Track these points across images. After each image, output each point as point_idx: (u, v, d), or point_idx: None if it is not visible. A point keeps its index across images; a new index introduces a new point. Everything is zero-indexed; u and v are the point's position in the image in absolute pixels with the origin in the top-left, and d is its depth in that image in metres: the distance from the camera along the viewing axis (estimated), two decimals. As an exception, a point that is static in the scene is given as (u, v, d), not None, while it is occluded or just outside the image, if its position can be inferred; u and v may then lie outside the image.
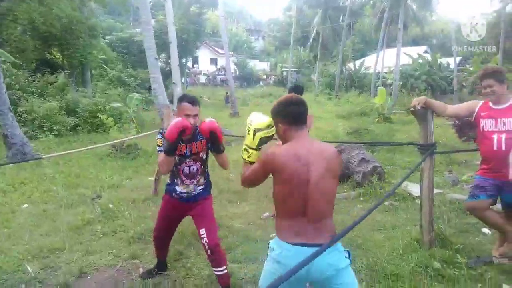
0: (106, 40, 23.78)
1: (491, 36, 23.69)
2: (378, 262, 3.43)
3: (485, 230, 4.21)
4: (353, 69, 33.38)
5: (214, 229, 3.05)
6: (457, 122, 3.93)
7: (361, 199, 5.53)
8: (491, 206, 3.33)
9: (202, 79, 36.84)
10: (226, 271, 2.99)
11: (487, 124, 3.31)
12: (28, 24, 14.16)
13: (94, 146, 6.56)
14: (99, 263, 3.80)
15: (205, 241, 2.93)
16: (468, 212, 3.78)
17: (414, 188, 5.46)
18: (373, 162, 6.05)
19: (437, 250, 3.46)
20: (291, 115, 2.02)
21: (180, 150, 2.95)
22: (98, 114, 10.90)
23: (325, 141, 7.61)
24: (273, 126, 2.12)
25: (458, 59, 27.53)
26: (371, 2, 35.73)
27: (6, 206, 5.47)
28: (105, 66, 20.31)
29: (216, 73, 39.02)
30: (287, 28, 44.71)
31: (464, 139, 3.99)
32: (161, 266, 3.54)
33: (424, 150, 3.62)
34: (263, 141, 2.13)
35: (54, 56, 18.05)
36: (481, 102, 3.40)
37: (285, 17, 50.49)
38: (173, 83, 14.79)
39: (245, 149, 2.15)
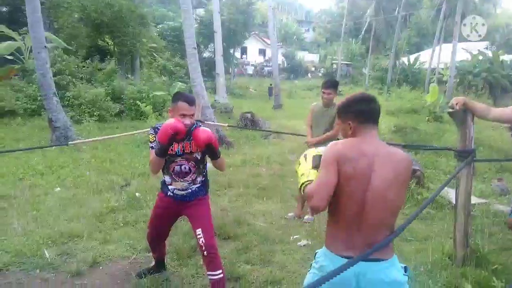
0: (158, 29, 24.27)
1: None
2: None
3: (533, 249, 3.74)
4: (407, 64, 31.87)
5: (210, 229, 2.89)
6: None
7: (396, 204, 5.14)
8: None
9: (250, 70, 36.78)
10: (222, 275, 2.78)
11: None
12: (80, 12, 14.66)
13: (125, 134, 6.62)
14: (114, 254, 3.78)
15: (202, 242, 2.75)
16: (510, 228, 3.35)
17: (454, 195, 5.00)
18: (413, 164, 5.61)
19: (470, 269, 3.09)
20: (365, 112, 1.87)
21: (171, 149, 2.75)
22: (137, 102, 11.09)
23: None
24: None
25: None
26: (430, -7, 33.90)
27: (40, 188, 5.64)
28: (155, 55, 20.74)
29: (264, 64, 38.78)
30: (339, 19, 43.48)
31: None
32: (159, 266, 3.38)
33: (462, 157, 3.24)
34: (317, 159, 1.91)
35: (106, 43, 18.66)
36: (530, 106, 2.96)
37: (337, 8, 49.17)
38: (216, 73, 14.89)
39: (301, 176, 1.91)
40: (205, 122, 7.11)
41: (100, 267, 3.56)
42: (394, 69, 30.39)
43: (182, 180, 2.87)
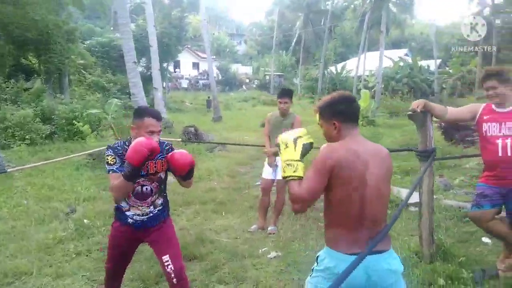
0: (85, 45, 23.15)
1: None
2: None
3: (486, 239, 4.00)
4: (334, 73, 33.44)
5: (178, 254, 2.67)
6: (443, 124, 3.72)
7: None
8: (496, 216, 3.12)
9: (184, 83, 36.35)
10: None
11: (490, 128, 3.08)
12: (1, 29, 13.55)
13: (68, 156, 6.17)
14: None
15: (171, 269, 2.52)
16: (471, 221, 3.54)
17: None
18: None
19: (439, 265, 3.21)
20: (348, 112, 1.91)
21: None
22: (73, 121, 10.39)
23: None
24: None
25: (438, 61, 27.90)
26: (352, 6, 36.02)
27: (-30, 223, 5.01)
28: (84, 71, 19.72)
29: (198, 77, 38.61)
30: (269, 32, 44.71)
31: (452, 142, 3.79)
32: None
33: (424, 157, 3.38)
34: (307, 148, 1.86)
35: (30, 61, 17.41)
36: (483, 105, 3.18)
37: (267, 21, 50.53)
38: (154, 88, 14.49)
39: (287, 165, 1.81)
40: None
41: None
42: (324, 78, 31.73)
43: (140, 203, 2.58)
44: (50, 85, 15.81)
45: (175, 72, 37.85)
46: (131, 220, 2.60)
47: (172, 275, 2.51)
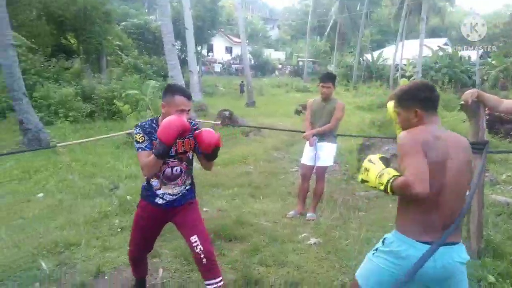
0: (121, 27, 23.54)
1: None
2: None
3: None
4: (370, 60, 32.71)
5: (206, 234, 2.62)
6: (487, 117, 3.56)
7: (393, 198, 5.16)
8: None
9: (217, 67, 36.50)
10: (223, 281, 2.55)
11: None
12: (43, 9, 13.95)
13: (112, 134, 6.33)
14: (118, 261, 3.55)
15: (200, 249, 2.47)
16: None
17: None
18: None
19: (489, 261, 3.12)
20: (431, 100, 1.90)
21: None
22: (114, 101, 10.66)
23: (350, 135, 7.13)
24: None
25: (480, 52, 26.72)
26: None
27: (21, 195, 5.28)
28: (120, 53, 20.10)
29: (231, 61, 38.63)
30: (303, 17, 44.04)
31: (497, 135, 3.62)
32: (142, 286, 3.01)
33: (476, 149, 3.26)
34: (385, 160, 1.92)
35: (69, 41, 17.89)
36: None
37: (301, 5, 49.71)
38: (190, 71, 14.59)
39: (379, 177, 1.81)
40: (196, 120, 6.92)
41: (106, 277, 3.33)
42: (359, 66, 31.09)
43: (172, 183, 2.56)
44: (89, 65, 16.22)
45: (208, 56, 38.01)
46: (161, 200, 2.58)
47: (202, 255, 2.48)
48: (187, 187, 2.66)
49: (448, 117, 13.12)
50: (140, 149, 2.43)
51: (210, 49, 38.95)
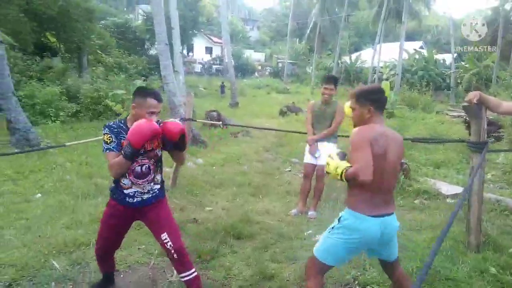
0: (100, 25, 23.16)
1: (488, 33, 23.82)
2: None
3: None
4: (349, 63, 33.25)
5: (176, 231, 2.73)
6: (467, 118, 3.80)
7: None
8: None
9: (197, 68, 36.32)
10: (196, 272, 2.73)
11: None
12: (25, 5, 13.61)
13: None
14: (130, 260, 3.60)
15: (170, 245, 2.62)
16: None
17: (443, 186, 5.35)
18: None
19: (489, 254, 3.33)
20: (381, 101, 2.36)
21: None
22: (104, 100, 10.53)
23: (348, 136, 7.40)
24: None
25: (454, 55, 27.61)
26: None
27: (19, 195, 5.20)
28: (99, 52, 19.78)
29: (212, 62, 38.51)
30: (283, 18, 44.41)
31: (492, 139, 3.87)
32: (108, 281, 3.10)
33: (477, 148, 3.48)
34: (342, 155, 2.34)
35: (49, 40, 17.49)
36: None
37: (281, 7, 50.08)
38: (175, 71, 14.47)
39: (337, 168, 2.24)
40: (198, 120, 6.96)
41: (121, 275, 3.37)
42: (338, 68, 31.55)
43: (142, 181, 2.63)
44: (72, 64, 15.92)
45: (188, 56, 37.79)
46: (131, 199, 2.64)
47: (173, 251, 2.63)
48: (157, 185, 2.72)
49: (427, 119, 13.61)
50: (107, 150, 2.51)
51: (190, 49, 38.74)
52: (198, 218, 4.53)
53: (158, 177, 2.74)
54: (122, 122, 2.61)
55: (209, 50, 41.99)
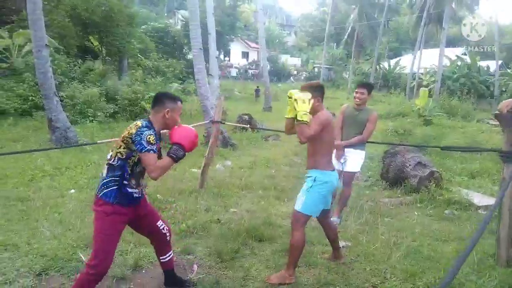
0: (141, 30, 23.96)
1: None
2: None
3: None
4: (387, 68, 32.59)
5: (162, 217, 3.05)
6: None
7: (418, 205, 5.22)
8: None
9: (233, 72, 36.72)
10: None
11: None
12: (70, 10, 14.32)
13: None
14: (153, 256, 3.67)
15: (166, 229, 2.94)
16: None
17: (476, 197, 5.14)
18: (430, 166, 5.74)
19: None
20: (323, 93, 3.27)
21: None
22: (140, 102, 10.90)
23: (378, 142, 7.21)
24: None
25: (499, 62, 26.41)
26: (408, 0, 34.82)
27: (55, 190, 5.46)
28: (139, 56, 20.46)
29: (248, 66, 38.83)
30: (320, 24, 44.11)
31: None
32: None
33: (508, 158, 3.33)
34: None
35: (92, 43, 18.29)
36: None
37: (318, 12, 49.81)
38: (210, 75, 14.74)
39: (304, 114, 2.98)
40: (226, 123, 7.05)
41: (143, 271, 3.47)
42: (375, 74, 30.99)
43: (142, 180, 2.74)
44: (112, 67, 16.56)
45: (224, 60, 38.31)
46: (136, 195, 2.65)
47: (168, 234, 2.95)
48: (145, 180, 2.83)
49: (467, 127, 13.10)
50: (151, 151, 2.44)
51: (226, 54, 39.26)
52: (222, 219, 4.59)
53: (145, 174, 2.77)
54: (150, 124, 2.57)
55: (245, 55, 42.37)
